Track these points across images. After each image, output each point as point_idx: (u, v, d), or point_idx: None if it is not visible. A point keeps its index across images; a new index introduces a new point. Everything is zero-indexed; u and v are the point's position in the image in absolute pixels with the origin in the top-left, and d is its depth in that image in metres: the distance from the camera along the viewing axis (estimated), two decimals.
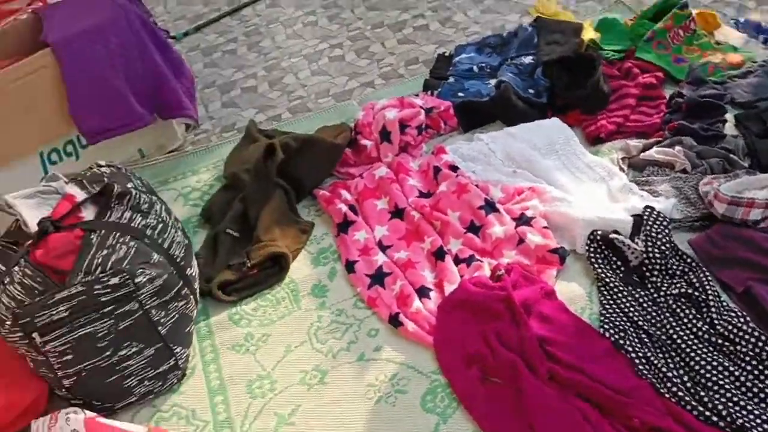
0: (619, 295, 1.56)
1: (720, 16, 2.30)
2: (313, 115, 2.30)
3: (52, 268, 1.48)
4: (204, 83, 2.58)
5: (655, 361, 1.42)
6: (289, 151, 1.91)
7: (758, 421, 1.29)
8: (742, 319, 1.45)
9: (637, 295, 1.56)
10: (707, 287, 1.52)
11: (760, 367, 1.38)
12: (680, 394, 1.34)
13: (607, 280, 1.59)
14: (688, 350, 1.43)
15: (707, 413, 1.31)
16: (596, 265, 1.62)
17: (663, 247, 1.58)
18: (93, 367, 1.49)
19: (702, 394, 1.34)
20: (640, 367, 1.42)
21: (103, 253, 1.48)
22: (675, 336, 1.46)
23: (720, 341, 1.44)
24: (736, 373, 1.38)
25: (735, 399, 1.33)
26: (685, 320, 1.48)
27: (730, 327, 1.44)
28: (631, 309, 1.53)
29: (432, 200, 1.85)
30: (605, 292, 1.58)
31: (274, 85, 2.51)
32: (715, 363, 1.39)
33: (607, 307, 1.55)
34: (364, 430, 1.45)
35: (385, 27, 2.69)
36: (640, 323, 1.50)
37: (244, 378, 1.60)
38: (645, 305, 1.54)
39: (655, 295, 1.56)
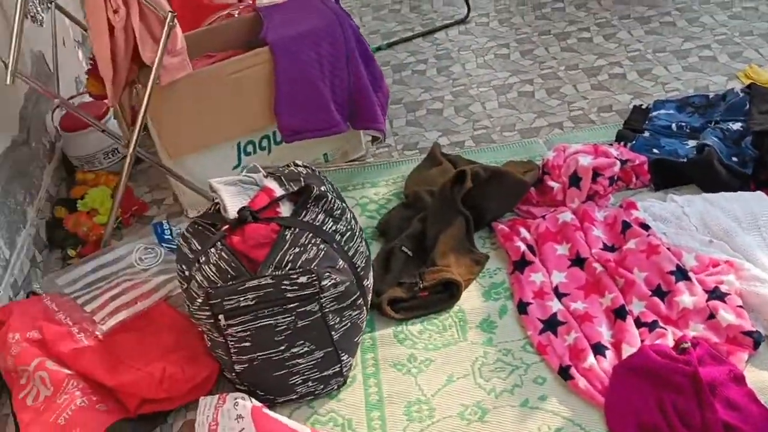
0: None
1: None
2: (497, 147, 2.29)
3: (246, 255, 1.54)
4: (391, 99, 2.61)
5: None
6: (477, 181, 1.90)
7: None
8: None
9: None
10: None
11: None
12: None
13: None
14: None
15: None
16: None
17: None
18: (266, 358, 1.53)
19: None
20: None
21: (294, 251, 1.52)
22: None
23: None
24: None
25: None
26: None
27: None
28: None
29: (617, 255, 1.77)
30: None
31: (460, 111, 2.52)
32: None
33: None
34: None
35: (579, 70, 2.63)
36: None
37: (402, 398, 1.59)
38: None
39: None
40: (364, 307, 1.66)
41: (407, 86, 2.72)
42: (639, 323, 1.63)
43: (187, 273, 1.61)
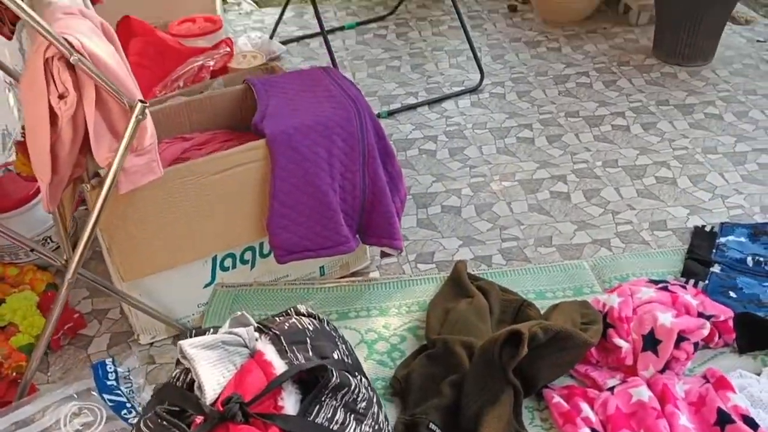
0: None
1: None
2: (533, 270, 1.85)
3: None
4: None
5: None
6: (534, 344, 1.45)
7: None
8: None
9: None
10: None
11: None
12: None
13: None
14: None
15: None
16: None
17: None
18: None
19: None
20: None
21: None
22: None
23: None
24: None
25: None
26: None
27: None
28: None
29: None
30: None
31: (482, 212, 2.08)
32: None
33: None
34: None
35: (619, 168, 2.23)
36: None
37: None
38: None
39: None
40: None
41: (416, 171, 2.27)
42: None
43: None
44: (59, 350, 1.69)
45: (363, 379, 1.25)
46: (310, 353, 1.24)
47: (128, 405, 1.48)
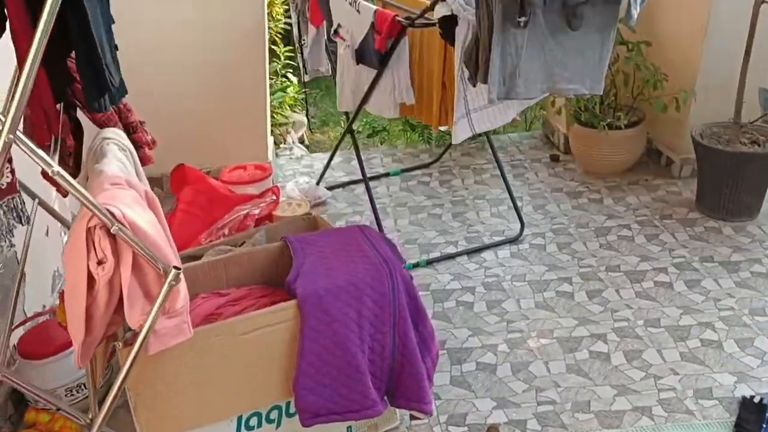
0: None
1: None
2: None
3: None
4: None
5: None
6: None
7: None
8: None
9: None
10: None
11: None
12: None
13: None
14: None
15: None
16: None
17: None
18: None
19: None
20: None
21: None
22: None
23: None
24: None
25: None
26: None
27: None
28: None
29: None
30: None
31: (518, 371, 2.03)
32: None
33: None
34: None
35: (662, 329, 2.17)
36: None
37: None
38: None
39: None
40: None
41: (452, 324, 2.25)
42: None
43: None
44: None
45: None
46: None
47: None
